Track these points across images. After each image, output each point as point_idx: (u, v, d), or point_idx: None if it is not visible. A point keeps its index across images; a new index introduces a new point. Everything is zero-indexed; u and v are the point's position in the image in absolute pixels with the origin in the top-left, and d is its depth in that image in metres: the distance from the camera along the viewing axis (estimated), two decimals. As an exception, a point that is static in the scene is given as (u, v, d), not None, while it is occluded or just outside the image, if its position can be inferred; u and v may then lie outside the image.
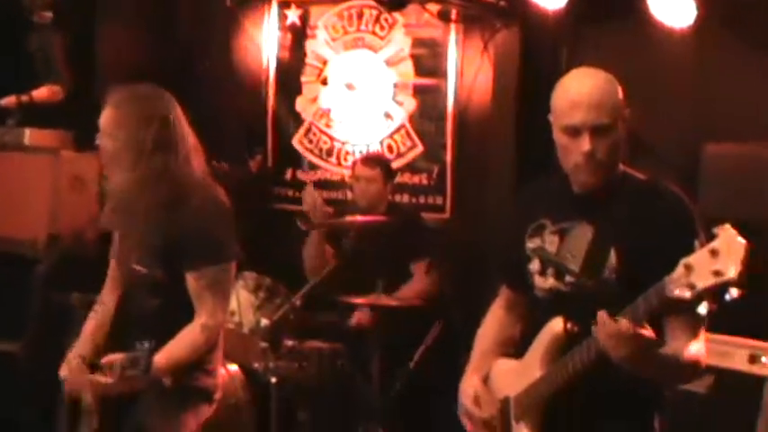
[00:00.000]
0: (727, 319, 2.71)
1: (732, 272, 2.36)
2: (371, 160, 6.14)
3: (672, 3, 5.21)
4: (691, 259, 2.45)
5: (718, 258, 2.38)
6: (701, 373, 2.96)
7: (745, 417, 3.91)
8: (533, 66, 6.01)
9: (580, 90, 2.86)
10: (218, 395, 3.70)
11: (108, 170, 3.62)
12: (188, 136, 3.61)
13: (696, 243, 2.69)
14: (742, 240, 2.38)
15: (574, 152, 2.86)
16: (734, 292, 2.39)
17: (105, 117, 3.57)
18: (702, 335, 2.84)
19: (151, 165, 3.49)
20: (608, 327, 2.60)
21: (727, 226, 2.41)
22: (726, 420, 4.03)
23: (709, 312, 2.46)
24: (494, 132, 6.28)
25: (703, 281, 2.40)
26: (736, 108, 5.34)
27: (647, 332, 2.62)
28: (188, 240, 3.50)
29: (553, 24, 5.75)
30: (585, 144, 2.82)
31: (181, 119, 3.60)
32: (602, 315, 2.61)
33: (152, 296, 3.61)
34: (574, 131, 2.84)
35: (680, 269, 2.46)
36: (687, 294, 2.44)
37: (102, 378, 3.39)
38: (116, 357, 3.37)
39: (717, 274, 2.38)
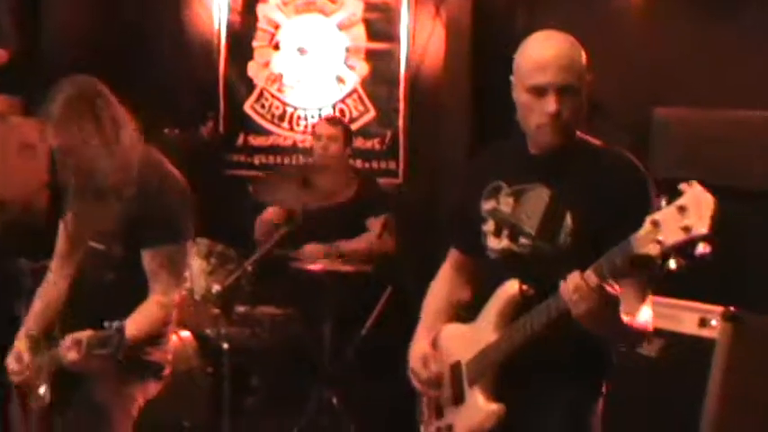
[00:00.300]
0: (676, 283, 2.71)
1: (702, 227, 2.31)
2: (334, 119, 6.24)
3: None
4: (658, 216, 2.40)
5: (688, 214, 2.33)
6: (649, 337, 2.97)
7: (695, 380, 3.94)
8: (486, 30, 6.00)
9: (548, 50, 2.83)
10: (167, 371, 3.69)
11: (85, 182, 3.55)
12: (121, 110, 3.57)
13: (650, 209, 2.69)
14: (710, 196, 2.34)
15: (537, 112, 2.83)
16: (703, 248, 2.34)
17: (56, 138, 3.48)
18: (650, 299, 2.85)
19: (117, 158, 3.48)
20: (575, 279, 2.60)
21: (695, 182, 2.36)
22: (676, 384, 4.06)
23: (679, 268, 2.41)
24: (447, 97, 6.28)
25: (672, 237, 2.36)
26: (687, 72, 5.37)
27: (612, 289, 2.61)
28: (147, 219, 3.48)
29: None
30: (551, 104, 2.80)
31: (115, 101, 3.56)
32: (575, 273, 2.61)
33: (107, 270, 3.58)
34: (540, 91, 2.81)
35: (647, 226, 2.42)
36: (655, 251, 2.40)
37: (67, 354, 3.33)
38: (83, 334, 3.29)
39: (686, 229, 2.33)
